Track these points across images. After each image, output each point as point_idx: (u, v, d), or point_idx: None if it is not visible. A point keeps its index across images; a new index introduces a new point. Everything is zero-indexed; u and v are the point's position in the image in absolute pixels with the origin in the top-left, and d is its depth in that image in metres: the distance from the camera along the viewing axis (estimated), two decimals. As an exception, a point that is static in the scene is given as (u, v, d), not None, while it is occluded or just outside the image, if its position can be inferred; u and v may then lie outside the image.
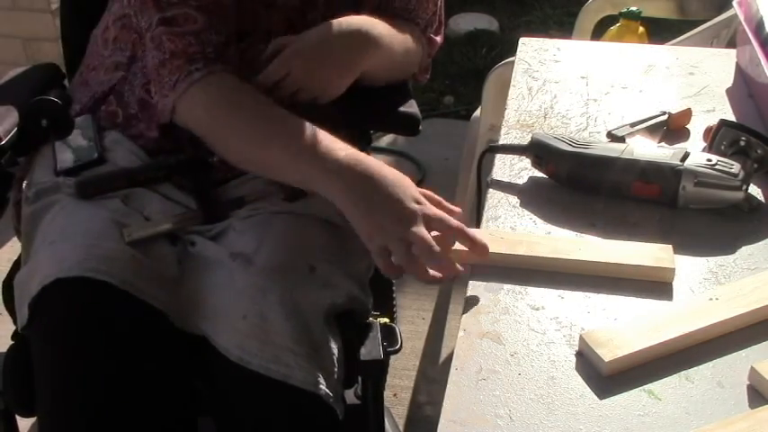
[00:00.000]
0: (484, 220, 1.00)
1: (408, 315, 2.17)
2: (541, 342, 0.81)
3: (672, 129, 1.18)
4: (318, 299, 1.07)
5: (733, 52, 1.39)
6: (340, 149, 1.03)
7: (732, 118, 1.20)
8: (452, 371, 0.77)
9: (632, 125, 1.15)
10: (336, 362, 1.07)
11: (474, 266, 0.92)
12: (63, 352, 1.04)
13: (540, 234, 0.97)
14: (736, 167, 0.99)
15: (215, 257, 1.11)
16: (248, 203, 1.18)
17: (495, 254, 0.91)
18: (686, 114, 1.20)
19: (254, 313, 1.04)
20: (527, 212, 1.01)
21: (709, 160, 0.99)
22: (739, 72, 1.34)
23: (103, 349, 1.04)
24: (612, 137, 1.13)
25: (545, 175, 1.06)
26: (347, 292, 1.13)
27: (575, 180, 1.04)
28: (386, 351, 1.17)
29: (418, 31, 1.36)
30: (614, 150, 1.03)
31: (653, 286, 0.88)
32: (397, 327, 1.20)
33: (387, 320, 1.21)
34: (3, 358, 1.16)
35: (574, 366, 0.78)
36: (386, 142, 2.89)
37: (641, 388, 0.76)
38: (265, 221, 1.14)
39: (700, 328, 0.81)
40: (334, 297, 1.10)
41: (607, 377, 0.77)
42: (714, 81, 1.32)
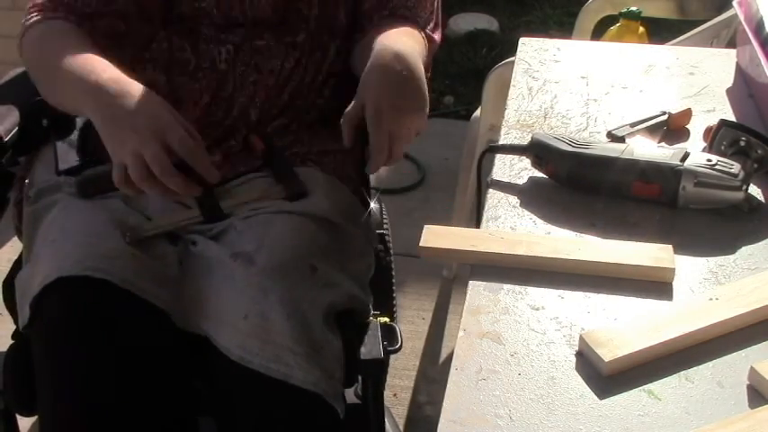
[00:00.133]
0: (484, 220, 1.00)
1: (408, 315, 2.17)
2: (541, 342, 0.81)
3: (672, 129, 1.18)
4: (319, 298, 1.07)
5: (733, 52, 1.39)
6: (103, 72, 1.07)
7: (732, 118, 1.20)
8: (452, 371, 0.77)
9: (632, 125, 1.16)
10: (337, 361, 1.08)
11: (474, 266, 0.92)
12: (64, 351, 1.04)
13: (540, 234, 0.97)
14: (736, 167, 0.99)
15: (216, 257, 1.11)
16: (249, 203, 1.18)
17: (495, 254, 0.91)
18: (686, 114, 1.20)
19: (255, 313, 1.04)
20: (527, 212, 1.01)
21: (709, 160, 0.99)
22: (739, 72, 1.34)
23: (104, 348, 1.04)
24: (612, 137, 1.13)
25: (545, 175, 1.06)
26: (347, 291, 1.13)
27: (575, 180, 1.04)
28: (386, 350, 1.17)
29: (418, 31, 1.36)
30: (614, 150, 1.03)
31: (653, 286, 0.88)
32: (398, 326, 1.20)
33: (387, 320, 1.22)
34: (3, 358, 1.16)
35: (574, 366, 0.78)
36: (386, 142, 2.89)
37: (641, 388, 0.76)
38: (266, 221, 1.14)
39: (700, 328, 0.81)
40: (335, 297, 1.10)
41: (607, 377, 0.77)
42: (714, 81, 1.32)
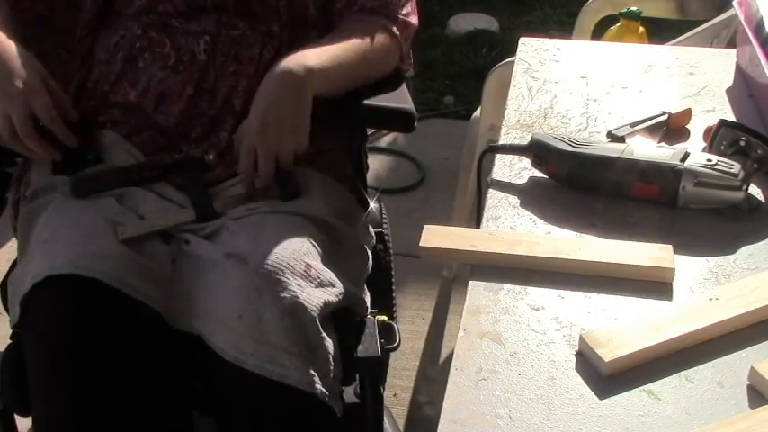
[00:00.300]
0: (484, 220, 1.00)
1: (408, 315, 2.17)
2: (541, 342, 0.81)
3: (672, 129, 1.18)
4: (313, 298, 1.07)
5: (733, 52, 1.39)
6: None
7: (732, 118, 1.20)
8: (452, 371, 0.77)
9: (632, 125, 1.15)
10: (332, 360, 1.07)
11: (474, 266, 0.92)
12: (54, 350, 1.04)
13: (540, 234, 0.97)
14: (736, 167, 0.99)
15: (209, 257, 1.11)
16: (242, 203, 1.18)
17: (495, 254, 0.91)
18: (686, 114, 1.20)
19: (249, 313, 1.04)
20: (527, 212, 1.01)
21: (709, 160, 0.99)
22: (739, 72, 1.34)
23: (94, 348, 1.04)
24: (612, 137, 1.13)
25: (545, 175, 1.06)
26: (342, 290, 1.13)
27: (575, 180, 1.04)
28: (383, 348, 1.17)
29: (384, 26, 1.33)
30: (614, 150, 1.03)
31: (653, 286, 0.88)
32: (396, 324, 1.20)
33: (385, 318, 1.21)
34: (1, 358, 1.16)
35: (574, 366, 0.78)
36: (386, 142, 2.89)
37: (641, 388, 0.76)
38: (260, 221, 1.14)
39: (700, 328, 0.81)
40: (329, 296, 1.10)
41: (607, 377, 0.77)
42: (714, 81, 1.32)
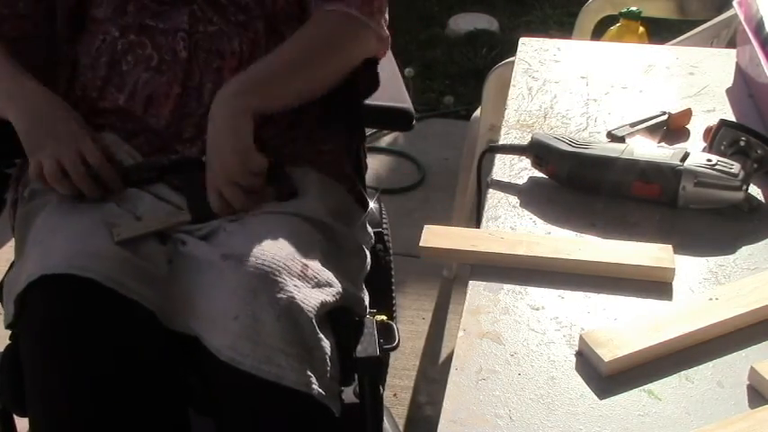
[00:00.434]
0: (484, 220, 1.00)
1: (408, 315, 2.17)
2: (541, 342, 0.81)
3: (672, 129, 1.18)
4: (310, 299, 1.07)
5: (733, 52, 1.39)
6: (25, 80, 1.20)
7: (732, 118, 1.20)
8: (452, 371, 0.77)
9: (632, 125, 1.15)
10: (329, 361, 1.07)
11: (474, 266, 0.92)
12: (49, 350, 1.04)
13: (540, 234, 0.97)
14: (736, 167, 0.99)
15: (206, 258, 1.11)
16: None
17: (495, 254, 0.91)
18: (686, 114, 1.20)
19: (245, 314, 1.04)
20: (527, 212, 1.01)
21: (709, 160, 0.99)
22: (739, 72, 1.34)
23: (90, 348, 1.04)
24: (612, 137, 1.13)
25: (545, 176, 1.06)
26: (340, 290, 1.13)
27: (575, 180, 1.04)
28: (382, 348, 1.16)
29: (344, 12, 1.26)
30: (614, 150, 1.03)
31: (653, 286, 0.88)
32: (395, 324, 1.20)
33: (384, 318, 1.21)
34: (0, 358, 1.16)
35: (574, 366, 0.78)
36: (386, 142, 2.89)
37: (641, 388, 0.76)
38: (256, 222, 1.14)
39: (700, 328, 0.80)
40: (327, 296, 1.10)
41: (607, 377, 0.77)
42: (714, 81, 1.32)
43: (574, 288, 0.88)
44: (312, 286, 1.09)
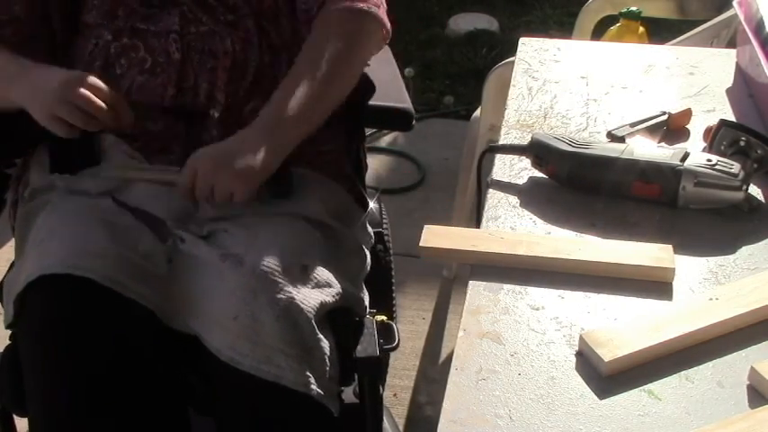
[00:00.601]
0: (484, 220, 1.00)
1: (408, 315, 2.17)
2: (541, 342, 0.81)
3: (672, 129, 1.18)
4: (309, 299, 1.07)
5: (733, 52, 1.39)
6: (23, 61, 1.20)
7: (732, 118, 1.20)
8: (452, 371, 0.77)
9: (632, 125, 1.15)
10: (328, 361, 1.07)
11: (474, 266, 0.92)
12: (48, 350, 1.05)
13: (540, 234, 0.97)
14: (736, 167, 0.99)
15: (205, 258, 1.11)
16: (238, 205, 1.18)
17: (495, 254, 0.91)
18: (686, 114, 1.20)
19: (245, 314, 1.04)
20: (527, 212, 1.01)
21: (709, 160, 0.99)
22: (739, 72, 1.34)
23: (88, 347, 1.04)
24: (612, 137, 1.13)
25: (545, 176, 1.06)
26: (340, 290, 1.13)
27: (575, 180, 1.04)
28: (382, 348, 1.16)
29: (351, 8, 1.25)
30: (614, 150, 1.03)
31: (653, 286, 0.88)
32: (395, 324, 1.20)
33: (384, 318, 1.21)
34: (0, 358, 1.16)
35: (574, 366, 0.78)
36: (386, 142, 2.89)
37: (641, 388, 0.76)
38: (256, 223, 1.14)
39: (700, 328, 0.80)
40: (326, 296, 1.10)
41: (607, 377, 0.77)
42: (714, 81, 1.32)
43: (574, 288, 0.88)
44: (312, 286, 1.09)
